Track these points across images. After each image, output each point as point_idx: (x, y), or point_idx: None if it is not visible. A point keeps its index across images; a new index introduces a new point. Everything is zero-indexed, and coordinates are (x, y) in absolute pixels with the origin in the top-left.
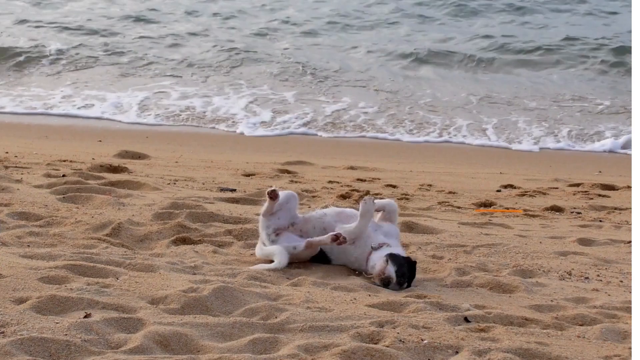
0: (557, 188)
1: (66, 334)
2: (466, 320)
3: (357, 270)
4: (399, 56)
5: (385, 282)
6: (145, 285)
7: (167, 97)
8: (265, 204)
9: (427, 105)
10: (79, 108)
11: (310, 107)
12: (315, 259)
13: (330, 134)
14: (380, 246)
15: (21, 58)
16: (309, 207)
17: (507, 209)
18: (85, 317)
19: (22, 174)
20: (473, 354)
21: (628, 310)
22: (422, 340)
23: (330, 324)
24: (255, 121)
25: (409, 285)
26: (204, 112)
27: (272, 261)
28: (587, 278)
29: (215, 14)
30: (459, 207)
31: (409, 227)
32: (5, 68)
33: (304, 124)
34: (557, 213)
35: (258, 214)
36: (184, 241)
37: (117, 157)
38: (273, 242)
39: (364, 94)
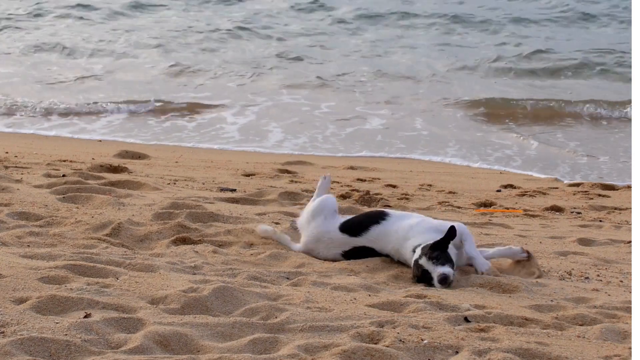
0: (557, 188)
1: (66, 334)
2: (466, 320)
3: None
4: None
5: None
6: (145, 285)
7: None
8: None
9: None
10: None
11: None
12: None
13: None
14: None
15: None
16: None
17: (507, 209)
18: (85, 317)
19: (22, 174)
20: (473, 354)
21: (628, 310)
22: (422, 340)
23: (330, 324)
24: None
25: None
26: None
27: None
28: (587, 278)
29: None
30: (459, 207)
31: None
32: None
33: None
34: (557, 213)
35: (258, 214)
36: (184, 241)
37: (117, 157)
38: None
39: None
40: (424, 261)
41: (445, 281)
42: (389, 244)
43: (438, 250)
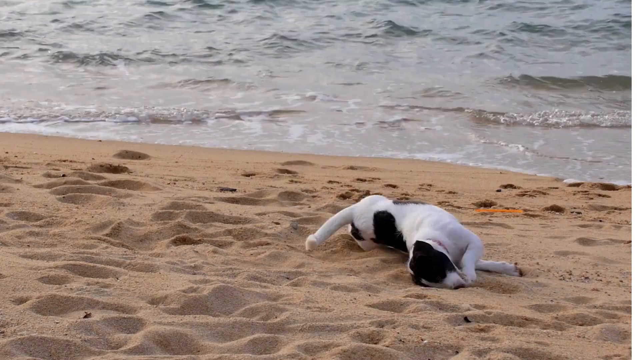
0: (557, 188)
1: (66, 334)
2: (466, 320)
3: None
4: None
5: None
6: (145, 285)
7: None
8: None
9: None
10: None
11: None
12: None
13: None
14: None
15: None
16: (309, 207)
17: (507, 209)
18: (85, 317)
19: (22, 174)
20: (473, 354)
21: (628, 310)
22: (422, 340)
23: (330, 324)
24: None
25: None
26: None
27: None
28: (587, 278)
29: None
30: (459, 207)
31: None
32: None
33: None
34: (557, 213)
35: (258, 214)
36: (184, 241)
37: (117, 157)
38: None
39: None
40: (427, 283)
41: (463, 286)
42: (405, 221)
43: (432, 264)
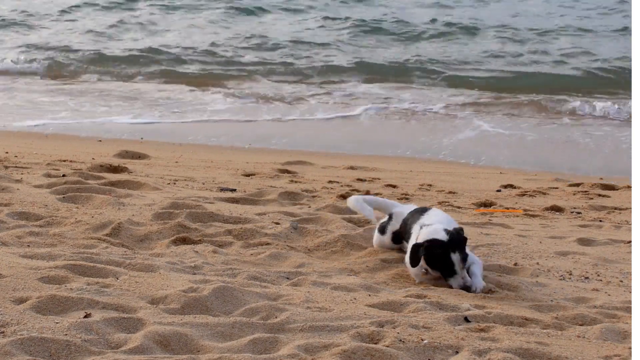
0: (557, 188)
1: (66, 334)
2: (466, 320)
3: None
4: None
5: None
6: (145, 285)
7: None
8: None
9: None
10: None
11: None
12: None
13: None
14: None
15: None
16: (309, 207)
17: (507, 209)
18: (85, 317)
19: (22, 174)
20: (473, 354)
21: (628, 310)
22: (422, 340)
23: (330, 324)
24: None
25: None
26: None
27: None
28: (587, 278)
29: None
30: (459, 207)
31: None
32: None
33: None
34: (557, 213)
35: (258, 214)
36: (184, 241)
37: (117, 157)
38: None
39: None
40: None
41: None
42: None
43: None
